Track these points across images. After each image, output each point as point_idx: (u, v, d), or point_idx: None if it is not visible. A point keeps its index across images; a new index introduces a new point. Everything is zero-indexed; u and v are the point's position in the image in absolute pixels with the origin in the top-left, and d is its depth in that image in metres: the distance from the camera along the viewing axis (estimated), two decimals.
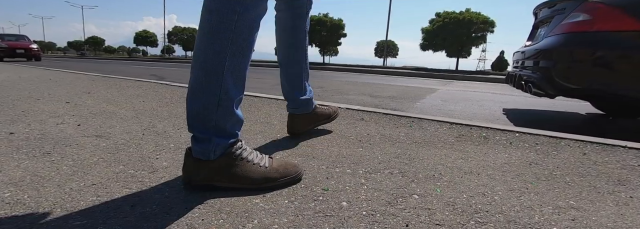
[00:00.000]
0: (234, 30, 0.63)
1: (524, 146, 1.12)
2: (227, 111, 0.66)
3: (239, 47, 0.64)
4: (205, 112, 0.65)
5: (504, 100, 3.38)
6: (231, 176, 0.67)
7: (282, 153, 0.94)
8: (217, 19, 0.62)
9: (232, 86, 0.66)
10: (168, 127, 1.22)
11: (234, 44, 0.63)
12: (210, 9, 0.63)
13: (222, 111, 0.65)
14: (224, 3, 0.61)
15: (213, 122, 0.65)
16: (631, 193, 0.75)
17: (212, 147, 0.65)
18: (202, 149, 0.65)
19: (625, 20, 1.59)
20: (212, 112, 0.65)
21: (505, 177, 0.80)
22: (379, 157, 0.92)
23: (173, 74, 5.74)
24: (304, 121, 1.12)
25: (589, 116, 2.58)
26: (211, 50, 0.63)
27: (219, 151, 0.66)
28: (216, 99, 0.64)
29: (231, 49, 0.63)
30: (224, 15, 0.62)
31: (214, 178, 0.66)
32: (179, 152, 0.92)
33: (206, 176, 0.66)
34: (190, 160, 0.66)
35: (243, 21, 0.63)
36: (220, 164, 0.66)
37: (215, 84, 0.64)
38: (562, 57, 1.80)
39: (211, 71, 0.63)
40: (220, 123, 0.66)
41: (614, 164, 0.97)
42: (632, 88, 1.57)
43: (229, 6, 0.62)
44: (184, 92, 2.26)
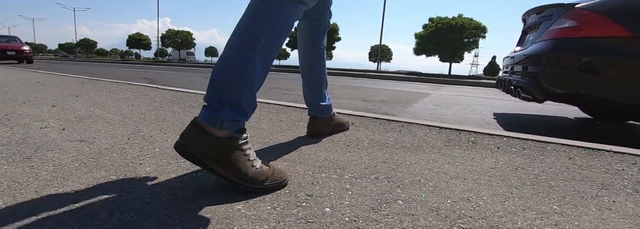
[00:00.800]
0: (274, 21, 0.70)
1: (511, 150, 1.13)
2: (247, 88, 0.69)
3: (273, 36, 0.71)
4: (227, 83, 0.67)
5: (495, 104, 3.42)
6: (225, 163, 0.66)
7: (269, 157, 0.93)
8: (263, 6, 0.70)
9: (259, 67, 0.70)
10: (155, 132, 1.20)
11: (270, 31, 0.70)
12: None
13: (242, 86, 0.68)
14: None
15: (231, 94, 0.67)
16: (614, 197, 0.76)
17: (222, 116, 0.66)
18: (212, 115, 0.66)
19: (610, 26, 1.62)
20: (233, 85, 0.67)
21: (490, 182, 0.81)
22: (366, 162, 0.92)
23: (165, 78, 5.69)
24: (324, 123, 1.23)
25: (578, 120, 2.62)
26: (251, 29, 0.69)
27: (226, 125, 0.66)
28: (241, 74, 0.68)
29: (267, 35, 0.70)
30: (271, 5, 0.70)
31: (209, 155, 0.65)
32: (163, 158, 0.91)
33: (203, 151, 0.65)
34: (195, 128, 0.66)
35: (282, 16, 0.72)
36: (221, 145, 0.65)
37: (245, 59, 0.68)
38: (549, 63, 1.83)
39: (245, 46, 0.69)
40: (238, 97, 0.68)
41: (599, 169, 0.98)
42: (618, 93, 1.60)
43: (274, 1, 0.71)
44: (175, 96, 2.24)
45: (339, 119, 1.31)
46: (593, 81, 1.66)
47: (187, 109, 1.72)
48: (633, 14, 1.59)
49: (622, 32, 1.58)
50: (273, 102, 2.01)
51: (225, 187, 0.72)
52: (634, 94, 1.54)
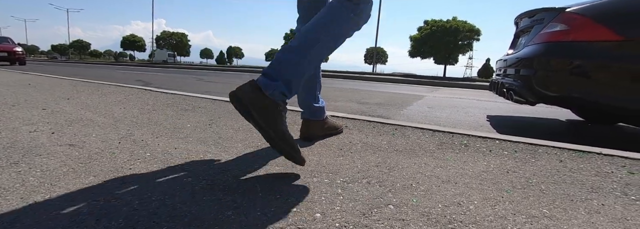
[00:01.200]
0: (344, 32, 0.87)
1: (503, 153, 1.14)
2: (298, 74, 0.83)
3: (333, 43, 0.87)
4: (288, 65, 0.82)
5: (488, 107, 3.45)
6: (266, 117, 0.78)
7: (262, 162, 0.93)
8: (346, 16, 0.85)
9: (315, 59, 0.85)
10: (146, 136, 1.19)
11: (336, 37, 0.87)
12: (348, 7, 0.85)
13: (296, 71, 0.82)
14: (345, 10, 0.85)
15: (287, 74, 0.81)
16: (603, 201, 0.77)
17: (275, 85, 0.79)
18: (267, 82, 0.79)
19: (600, 30, 1.65)
20: (292, 68, 0.82)
21: (482, 185, 0.81)
22: (358, 166, 0.92)
23: (160, 80, 5.65)
24: (317, 126, 1.23)
25: (569, 122, 2.65)
26: (326, 30, 0.85)
27: (275, 94, 0.79)
28: (298, 63, 0.82)
29: (332, 40, 0.86)
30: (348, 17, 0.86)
31: (255, 106, 0.77)
32: (154, 163, 0.90)
33: (252, 102, 0.77)
34: (252, 85, 0.79)
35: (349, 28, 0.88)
36: (267, 102, 0.78)
37: (309, 48, 0.83)
38: (541, 66, 1.85)
39: (313, 43, 0.83)
40: (290, 78, 0.81)
41: (589, 171, 0.99)
42: (608, 96, 1.63)
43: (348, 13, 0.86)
44: (168, 98, 2.23)
45: (332, 123, 1.32)
46: (584, 84, 1.68)
47: (180, 112, 1.71)
48: (622, 18, 1.61)
49: (612, 36, 1.61)
50: None
51: (214, 194, 0.71)
52: (623, 97, 1.56)
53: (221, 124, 1.42)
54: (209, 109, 1.84)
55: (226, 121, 1.51)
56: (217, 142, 1.13)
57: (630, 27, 1.57)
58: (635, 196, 0.82)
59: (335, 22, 0.85)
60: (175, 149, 1.03)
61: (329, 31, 0.85)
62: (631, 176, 0.98)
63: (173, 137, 1.18)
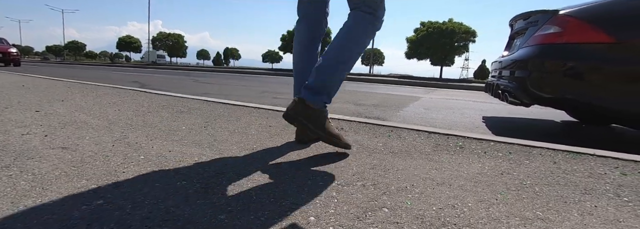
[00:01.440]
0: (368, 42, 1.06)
1: (497, 155, 1.14)
2: (338, 86, 1.05)
3: (362, 49, 1.04)
4: (332, 78, 1.01)
5: (484, 108, 3.46)
6: (318, 124, 1.00)
7: (257, 164, 0.93)
8: (372, 30, 1.05)
9: (349, 68, 1.04)
10: (141, 138, 1.18)
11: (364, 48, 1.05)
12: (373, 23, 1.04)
13: (338, 83, 1.04)
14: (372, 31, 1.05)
15: (331, 87, 1.02)
16: (595, 202, 0.77)
17: (319, 99, 0.99)
18: (314, 98, 0.99)
19: (593, 33, 1.66)
20: (335, 81, 1.03)
21: (476, 187, 0.81)
22: (353, 168, 0.92)
23: (156, 81, 5.62)
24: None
25: (564, 123, 2.68)
26: (360, 44, 1.03)
27: (319, 105, 1.00)
28: (343, 73, 1.03)
29: (362, 46, 1.04)
30: (374, 30, 1.05)
31: (311, 120, 0.99)
32: (147, 166, 0.89)
33: (307, 117, 0.99)
34: (300, 103, 0.98)
35: (370, 38, 1.06)
36: (317, 114, 1.00)
37: (347, 62, 1.02)
38: (535, 68, 1.87)
39: (354, 56, 1.04)
40: (333, 90, 1.03)
41: (582, 173, 1.00)
42: (601, 98, 1.64)
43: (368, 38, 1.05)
44: (164, 100, 2.21)
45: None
46: (577, 86, 1.70)
47: (175, 114, 1.70)
48: (615, 21, 1.63)
49: (604, 38, 1.62)
50: (263, 107, 2.00)
51: (208, 197, 0.71)
52: (616, 99, 1.58)
53: (216, 127, 1.42)
54: (205, 111, 1.83)
55: (221, 123, 1.51)
56: (212, 144, 1.13)
57: (622, 30, 1.59)
58: (627, 197, 0.82)
59: (365, 35, 1.02)
60: (170, 151, 1.03)
61: (359, 44, 1.02)
62: (624, 177, 0.98)
63: (168, 139, 1.18)
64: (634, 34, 1.56)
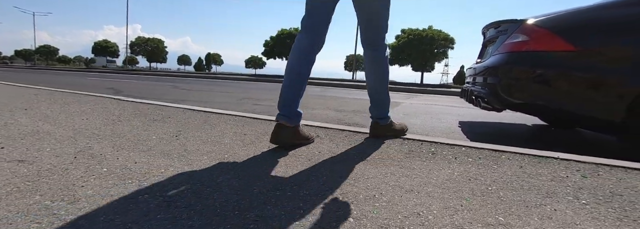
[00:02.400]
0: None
1: (467, 160, 1.17)
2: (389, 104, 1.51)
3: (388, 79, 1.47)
4: (386, 107, 1.49)
5: (461, 113, 3.56)
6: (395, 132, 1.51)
7: (225, 176, 0.90)
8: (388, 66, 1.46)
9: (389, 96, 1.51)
10: (106, 149, 1.14)
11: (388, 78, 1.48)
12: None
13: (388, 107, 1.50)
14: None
15: (387, 111, 1.50)
16: (556, 206, 0.80)
17: (387, 120, 1.50)
18: (386, 121, 1.49)
19: (556, 41, 1.75)
20: (388, 105, 1.50)
21: (443, 194, 0.83)
22: (324, 177, 0.91)
23: (133, 88, 5.45)
24: (288, 133, 1.23)
25: (535, 127, 2.79)
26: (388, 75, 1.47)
27: (388, 121, 1.52)
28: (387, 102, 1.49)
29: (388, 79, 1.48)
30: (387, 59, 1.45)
31: (389, 132, 1.50)
32: (109, 179, 0.85)
33: (381, 132, 1.49)
34: (382, 128, 1.48)
35: None
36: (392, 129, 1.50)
37: (387, 98, 1.49)
38: (505, 74, 1.94)
39: (385, 90, 1.47)
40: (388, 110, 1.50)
41: (546, 176, 1.04)
42: (565, 103, 1.72)
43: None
44: (138, 108, 2.14)
45: (305, 132, 1.32)
46: (544, 92, 1.77)
47: (147, 123, 1.65)
48: (576, 30, 1.72)
49: (566, 46, 1.71)
50: (240, 115, 1.97)
51: (170, 212, 0.68)
52: (578, 105, 1.66)
53: (189, 136, 1.38)
54: (179, 119, 1.79)
55: (195, 132, 1.47)
56: (181, 155, 1.10)
57: (583, 39, 1.68)
58: (585, 200, 0.86)
59: (387, 65, 1.44)
60: (136, 163, 0.99)
61: (387, 74, 1.45)
62: (584, 180, 1.03)
63: (135, 150, 1.13)
64: (593, 43, 1.65)
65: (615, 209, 0.81)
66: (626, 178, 1.06)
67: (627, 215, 0.78)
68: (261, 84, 9.87)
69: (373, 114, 1.48)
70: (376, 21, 1.30)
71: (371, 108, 1.48)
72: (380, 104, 1.45)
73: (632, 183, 1.02)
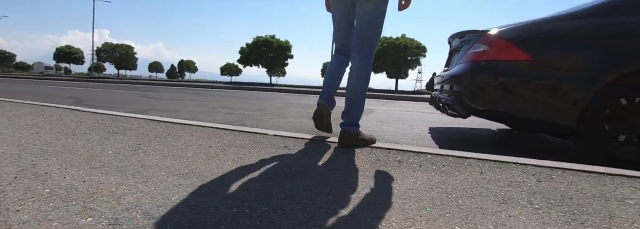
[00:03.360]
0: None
1: (431, 168, 1.20)
2: (361, 113, 1.55)
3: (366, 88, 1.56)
4: (358, 113, 1.52)
5: (431, 119, 3.67)
6: (356, 142, 1.49)
7: (181, 192, 0.86)
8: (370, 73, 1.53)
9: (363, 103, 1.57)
10: (53, 167, 1.05)
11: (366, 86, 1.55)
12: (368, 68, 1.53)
13: (361, 112, 1.54)
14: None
15: (359, 117, 1.52)
16: (510, 212, 0.83)
17: (356, 127, 1.50)
18: (353, 128, 1.49)
19: (515, 51, 1.85)
20: (360, 112, 1.52)
21: (404, 205, 0.83)
22: (286, 191, 0.89)
23: (97, 97, 5.16)
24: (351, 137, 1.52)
25: (500, 131, 2.92)
26: (367, 85, 1.52)
27: (356, 130, 1.50)
28: (362, 107, 1.54)
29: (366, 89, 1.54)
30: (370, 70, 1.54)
31: (351, 142, 1.49)
32: (50, 201, 0.78)
33: (351, 141, 1.49)
34: (346, 132, 1.48)
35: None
36: (354, 137, 1.49)
37: (363, 100, 1.54)
38: (469, 83, 2.02)
39: (362, 95, 1.54)
40: (360, 117, 1.52)
41: (504, 182, 1.07)
42: (525, 110, 1.82)
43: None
44: (97, 120, 2.02)
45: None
46: (506, 99, 1.86)
47: (105, 136, 1.55)
48: (532, 41, 1.83)
49: (524, 56, 1.82)
50: (208, 125, 1.91)
51: None
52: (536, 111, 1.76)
53: (149, 149, 1.31)
54: (141, 131, 1.70)
55: (156, 145, 1.40)
56: (137, 171, 1.03)
57: (538, 49, 1.79)
58: (538, 204, 0.90)
59: (368, 75, 1.51)
60: (84, 182, 0.92)
61: (366, 82, 1.51)
62: (539, 184, 1.08)
63: (86, 167, 1.06)
64: (547, 53, 1.76)
65: (564, 213, 0.85)
66: (576, 181, 1.12)
67: (575, 218, 0.82)
68: (237, 92, 9.71)
69: (344, 120, 1.51)
70: (373, 32, 1.46)
71: (344, 113, 1.52)
72: (354, 110, 1.50)
73: (581, 186, 1.08)
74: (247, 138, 1.59)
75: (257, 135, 1.67)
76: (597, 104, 1.57)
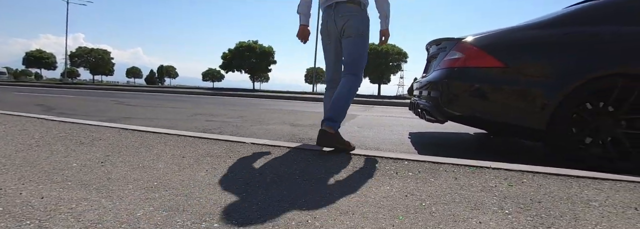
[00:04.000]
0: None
1: (408, 175, 1.21)
2: (345, 113, 1.63)
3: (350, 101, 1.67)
4: (342, 113, 1.59)
5: (412, 124, 3.73)
6: (337, 142, 1.53)
7: (147, 207, 0.82)
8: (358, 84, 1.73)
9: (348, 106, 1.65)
10: (9, 182, 0.98)
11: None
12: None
13: (344, 116, 1.62)
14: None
15: (342, 117, 1.59)
16: (481, 218, 0.84)
17: (336, 126, 1.56)
18: (333, 125, 1.54)
19: (488, 58, 1.92)
20: (344, 113, 1.60)
21: (378, 214, 0.83)
22: (259, 202, 0.87)
23: (68, 104, 4.93)
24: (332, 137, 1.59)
25: (476, 135, 3.00)
26: (353, 94, 1.66)
27: (336, 128, 1.55)
28: (346, 110, 1.62)
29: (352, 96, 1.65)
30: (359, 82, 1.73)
31: (328, 141, 1.53)
32: (2, 220, 0.73)
33: (328, 140, 1.53)
34: (324, 130, 1.52)
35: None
36: (333, 135, 1.52)
37: (348, 105, 1.63)
38: (445, 89, 2.07)
39: (348, 102, 1.64)
40: (342, 118, 1.60)
41: (477, 187, 1.10)
42: (498, 115, 1.88)
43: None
44: (64, 129, 1.92)
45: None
46: (480, 105, 1.92)
47: (72, 147, 1.47)
48: (504, 49, 1.91)
49: (496, 63, 1.88)
50: (184, 134, 1.85)
51: None
52: (509, 116, 1.82)
53: (117, 161, 1.26)
54: (111, 141, 1.63)
55: (126, 156, 1.34)
56: (103, 185, 0.98)
57: (509, 56, 1.86)
58: (509, 209, 0.92)
59: (354, 90, 1.67)
60: (42, 198, 0.86)
61: (351, 95, 1.65)
62: (510, 188, 1.11)
63: (46, 182, 1.00)
64: (518, 60, 1.84)
65: (533, 218, 0.87)
66: (545, 184, 1.16)
67: (543, 222, 0.84)
68: (218, 98, 9.55)
69: (326, 115, 1.59)
70: (354, 59, 1.68)
71: (329, 109, 1.60)
72: (339, 108, 1.58)
73: (550, 189, 1.12)
74: (223, 147, 1.55)
75: (234, 144, 1.63)
76: (564, 109, 1.64)
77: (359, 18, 1.62)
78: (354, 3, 1.61)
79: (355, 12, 1.61)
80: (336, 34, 1.69)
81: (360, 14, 1.64)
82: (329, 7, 1.66)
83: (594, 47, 1.70)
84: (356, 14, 1.62)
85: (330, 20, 1.67)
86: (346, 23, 1.61)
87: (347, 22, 1.61)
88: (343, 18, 1.61)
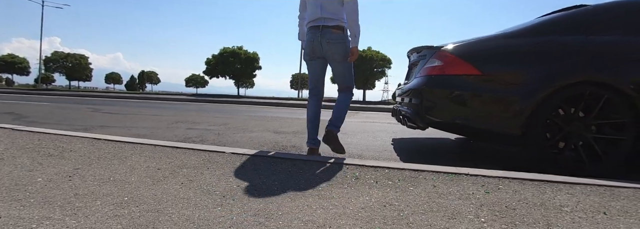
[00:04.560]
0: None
1: (387, 183, 1.21)
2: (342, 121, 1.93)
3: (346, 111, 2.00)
4: (340, 121, 1.91)
5: (395, 130, 3.77)
6: (337, 143, 1.82)
7: (116, 226, 0.78)
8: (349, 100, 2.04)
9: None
10: None
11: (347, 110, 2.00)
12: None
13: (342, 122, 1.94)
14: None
15: (341, 123, 1.89)
16: (457, 227, 0.85)
17: (337, 130, 1.89)
18: (336, 129, 1.87)
19: (465, 66, 1.97)
20: (341, 122, 1.91)
21: (355, 227, 0.82)
22: (234, 217, 0.85)
23: (41, 112, 4.70)
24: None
25: (457, 140, 3.06)
26: (348, 106, 2.02)
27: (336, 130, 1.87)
28: (343, 120, 1.93)
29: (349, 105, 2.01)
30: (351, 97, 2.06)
31: (332, 141, 1.81)
32: None
33: (332, 140, 1.83)
34: (330, 132, 1.83)
35: None
36: (335, 137, 1.81)
37: (343, 117, 1.94)
38: (425, 96, 2.11)
39: (343, 114, 1.95)
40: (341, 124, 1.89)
41: (454, 195, 1.11)
42: (477, 121, 1.92)
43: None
44: (32, 140, 1.82)
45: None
46: (459, 111, 1.95)
47: (39, 160, 1.39)
48: (480, 57, 1.96)
49: (473, 70, 1.93)
50: (161, 144, 1.79)
51: None
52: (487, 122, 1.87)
53: (87, 175, 1.20)
54: (82, 152, 1.55)
55: (97, 168, 1.28)
56: (68, 202, 0.93)
57: (485, 64, 1.92)
58: (485, 217, 0.93)
59: (351, 98, 1.98)
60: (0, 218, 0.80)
61: (348, 107, 1.94)
62: (487, 195, 1.12)
63: (7, 199, 0.93)
64: (494, 68, 1.89)
65: (507, 225, 0.88)
66: (520, 190, 1.19)
67: None
68: (202, 104, 9.38)
69: (331, 123, 1.89)
70: (345, 76, 1.96)
71: (331, 120, 1.89)
72: (340, 117, 1.91)
73: (524, 195, 1.14)
74: (201, 157, 1.51)
75: (213, 153, 1.59)
76: (538, 115, 1.70)
77: (343, 46, 1.85)
78: (338, 29, 1.82)
79: (341, 41, 1.83)
80: (321, 52, 1.89)
81: (344, 41, 1.85)
82: (316, 28, 1.83)
83: (563, 56, 1.77)
84: (342, 42, 1.84)
85: (317, 41, 1.84)
86: (332, 50, 1.84)
87: (333, 49, 1.84)
88: (329, 45, 1.83)
